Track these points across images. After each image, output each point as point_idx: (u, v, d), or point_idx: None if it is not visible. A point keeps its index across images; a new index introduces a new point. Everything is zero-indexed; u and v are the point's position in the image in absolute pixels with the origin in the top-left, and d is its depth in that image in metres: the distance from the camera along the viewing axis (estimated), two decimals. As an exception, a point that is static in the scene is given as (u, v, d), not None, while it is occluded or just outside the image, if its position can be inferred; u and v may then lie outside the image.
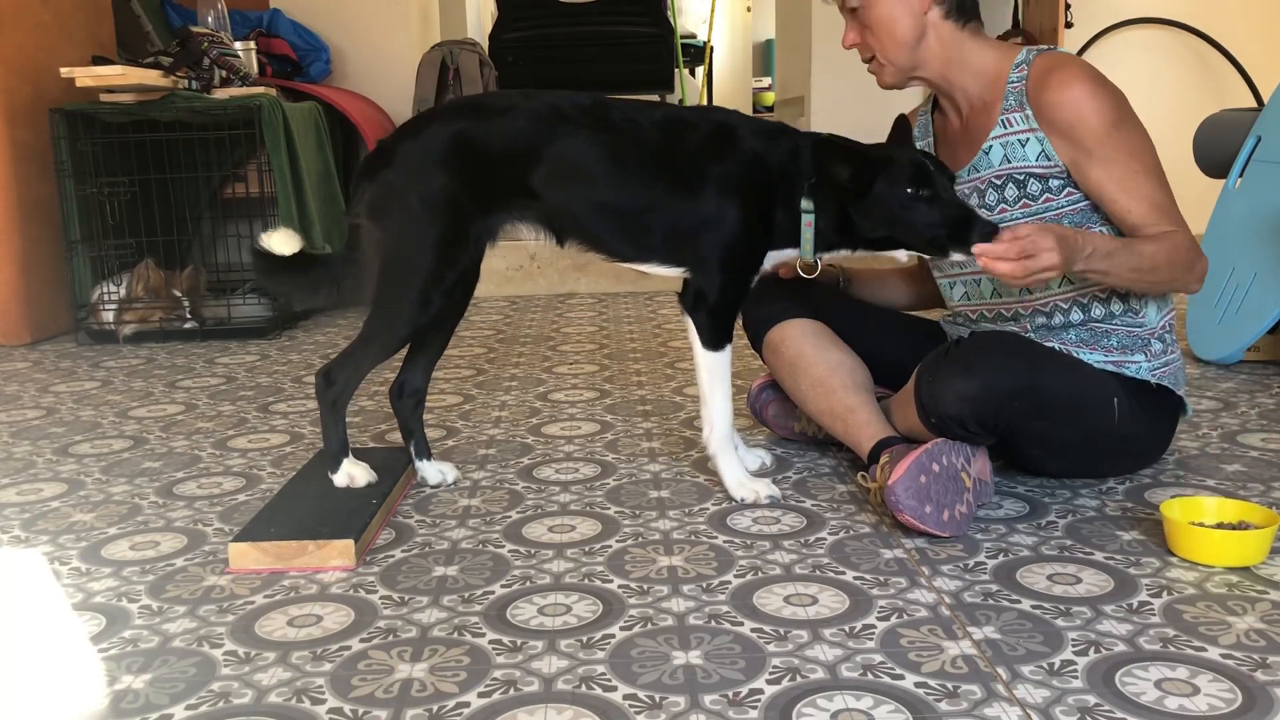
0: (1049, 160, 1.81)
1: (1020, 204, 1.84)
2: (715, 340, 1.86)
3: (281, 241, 1.85)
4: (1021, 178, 1.83)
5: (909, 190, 1.72)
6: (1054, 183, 1.82)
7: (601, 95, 1.86)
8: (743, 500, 1.87)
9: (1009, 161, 1.84)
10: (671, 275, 1.89)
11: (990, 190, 1.87)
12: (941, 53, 1.86)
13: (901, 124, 1.87)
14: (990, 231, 1.65)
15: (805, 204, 1.79)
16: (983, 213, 1.82)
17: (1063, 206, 1.83)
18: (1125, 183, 1.76)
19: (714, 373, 1.88)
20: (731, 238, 1.81)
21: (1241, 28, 4.54)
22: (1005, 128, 1.84)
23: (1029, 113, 1.81)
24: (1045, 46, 1.88)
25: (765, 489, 1.88)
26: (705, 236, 1.81)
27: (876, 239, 1.80)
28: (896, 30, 1.84)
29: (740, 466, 1.92)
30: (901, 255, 1.86)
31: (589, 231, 1.86)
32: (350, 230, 1.90)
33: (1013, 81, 1.84)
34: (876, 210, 1.75)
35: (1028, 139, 1.82)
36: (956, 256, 1.73)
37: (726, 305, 1.85)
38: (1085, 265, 1.68)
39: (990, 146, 1.85)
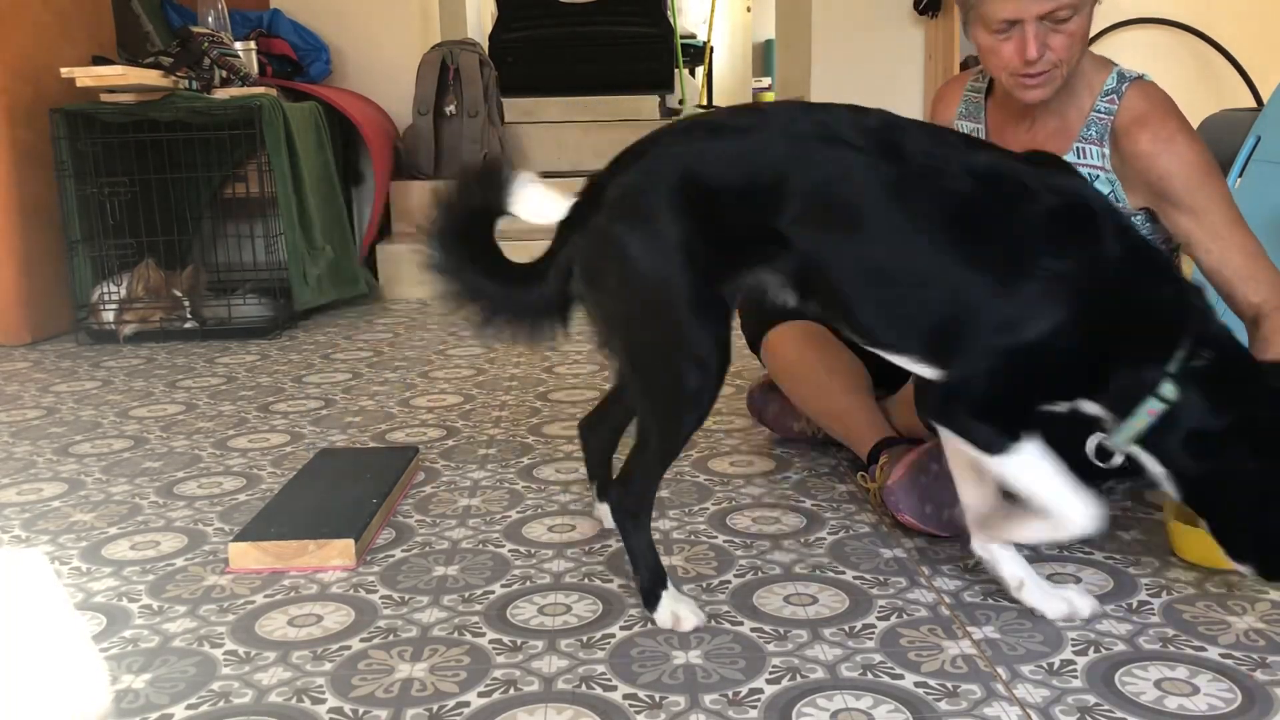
0: (1118, 203, 1.73)
1: None
2: (992, 441, 1.36)
3: (535, 201, 1.45)
4: None
5: None
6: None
7: (891, 115, 1.41)
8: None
9: None
10: (926, 374, 1.43)
11: None
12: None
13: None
14: None
15: (1169, 389, 1.30)
16: None
17: None
18: (1218, 232, 1.68)
19: (1020, 475, 1.37)
20: (1037, 343, 1.31)
21: (1241, 28, 4.54)
22: (1079, 157, 1.75)
23: (1107, 151, 1.72)
24: (1136, 73, 1.75)
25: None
26: (994, 338, 1.33)
27: (1200, 497, 1.36)
28: (1082, 36, 1.65)
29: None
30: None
31: (841, 297, 1.41)
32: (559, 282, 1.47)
33: (1099, 111, 1.74)
34: (1236, 478, 1.31)
35: (1098, 175, 1.73)
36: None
37: (991, 404, 1.35)
38: None
39: None
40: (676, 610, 1.43)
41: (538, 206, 1.44)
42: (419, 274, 1.55)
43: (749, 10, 9.38)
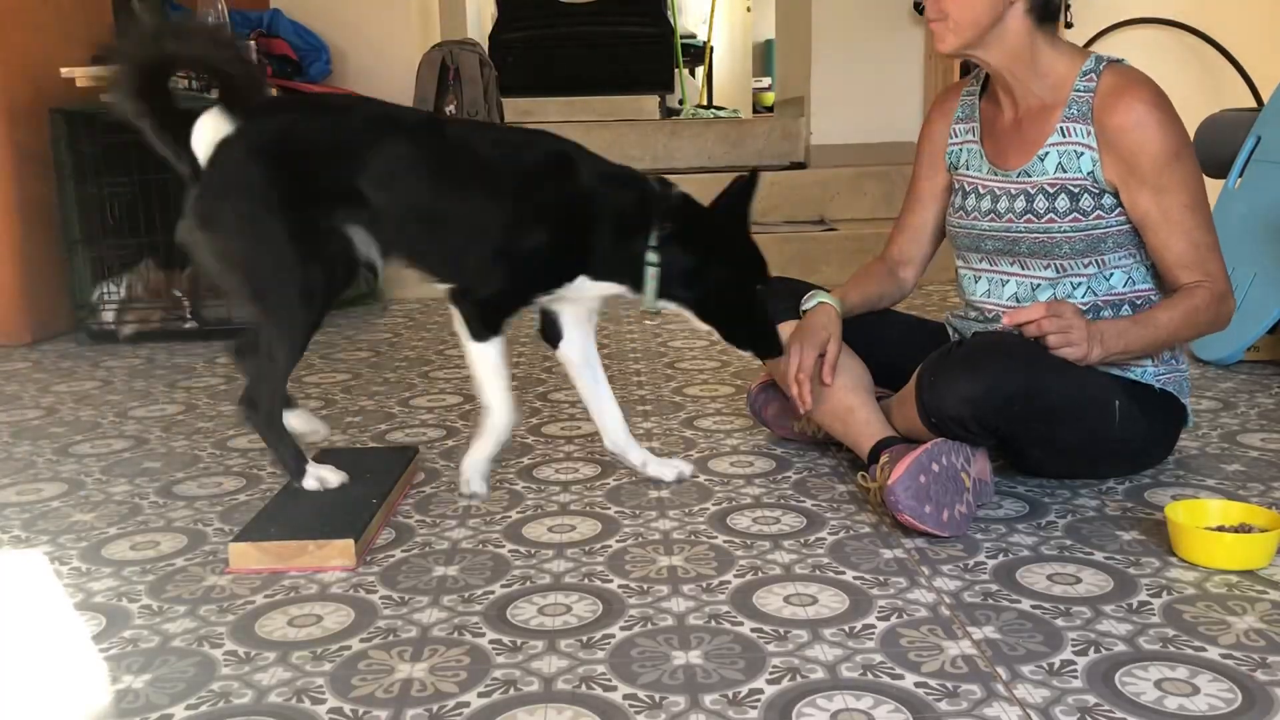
0: (1095, 181, 1.80)
1: (1070, 217, 1.82)
2: (479, 332, 1.83)
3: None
4: (1076, 190, 1.81)
5: (746, 289, 1.83)
6: (1107, 200, 1.81)
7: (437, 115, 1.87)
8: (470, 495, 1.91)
9: (1064, 171, 1.82)
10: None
11: (1041, 197, 1.83)
12: (1012, 44, 1.81)
13: (744, 188, 1.83)
14: (775, 353, 1.89)
15: (651, 256, 1.79)
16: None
17: (1110, 226, 1.82)
18: (1171, 214, 1.76)
19: (480, 365, 1.85)
20: (516, 251, 1.79)
21: (1241, 28, 4.54)
22: (1064, 136, 1.82)
23: (1091, 128, 1.79)
24: (1115, 57, 1.85)
25: (481, 488, 1.92)
26: (491, 245, 1.80)
27: (702, 307, 1.84)
28: (975, 5, 1.77)
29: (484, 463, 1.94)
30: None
31: (407, 242, 1.85)
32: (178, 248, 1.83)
33: (1078, 90, 1.81)
34: (712, 287, 1.82)
35: (1083, 153, 1.80)
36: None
37: (494, 301, 1.83)
38: (1104, 352, 1.73)
39: (1046, 153, 1.83)
40: (319, 474, 1.84)
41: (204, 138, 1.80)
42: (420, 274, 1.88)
43: (749, 10, 9.38)
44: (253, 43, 3.91)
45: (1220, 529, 1.62)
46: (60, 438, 2.39)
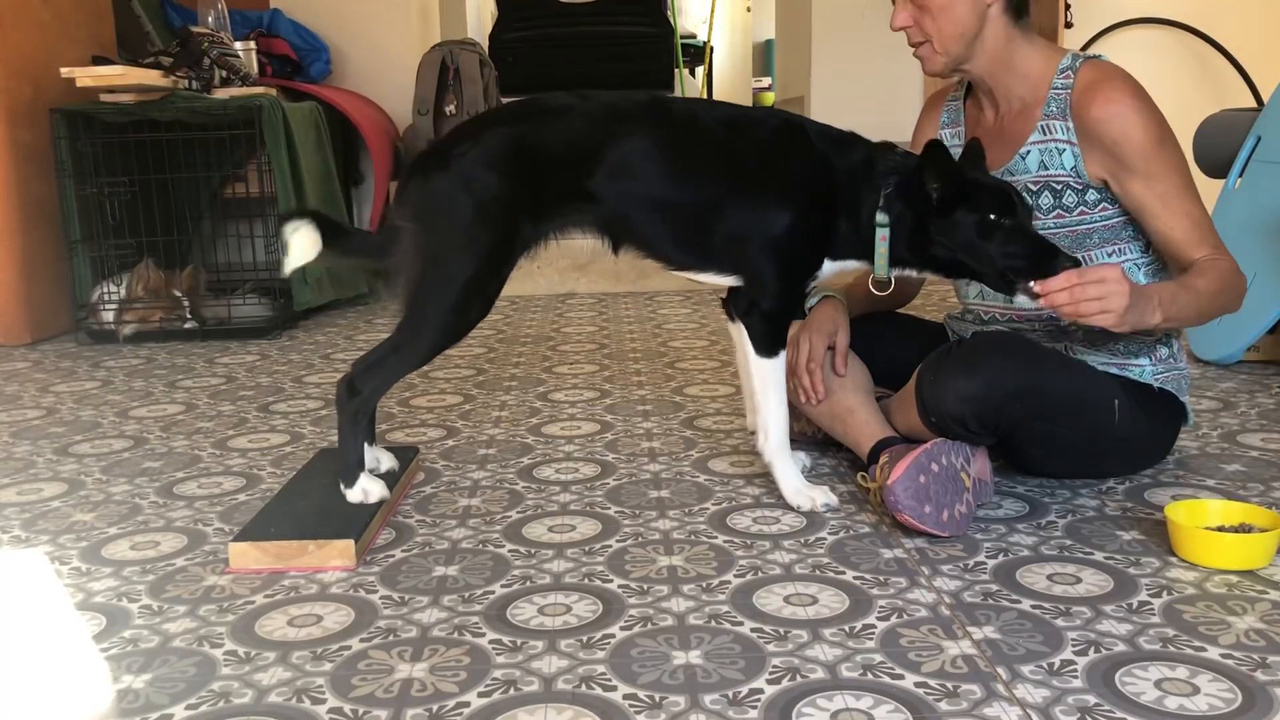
0: (1078, 177, 1.80)
1: (1054, 214, 1.83)
2: (770, 346, 1.81)
3: (303, 248, 1.73)
4: (1059, 187, 1.81)
5: (991, 216, 1.67)
6: (1090, 195, 1.81)
7: (659, 94, 1.79)
8: (799, 508, 1.82)
9: (1045, 169, 1.82)
10: (724, 283, 1.84)
11: (1025, 195, 1.83)
12: (993, 48, 1.81)
13: (975, 148, 1.79)
14: (1071, 266, 1.64)
15: (880, 217, 1.73)
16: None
17: (1095, 221, 1.82)
18: (1168, 199, 1.76)
19: (768, 379, 1.82)
20: (786, 243, 1.75)
21: (1241, 28, 4.54)
22: (1044, 134, 1.82)
23: (1070, 124, 1.79)
24: (1091, 54, 1.85)
25: (822, 497, 1.83)
26: (759, 241, 1.76)
27: (949, 262, 1.75)
28: (958, 19, 1.78)
29: (798, 473, 1.87)
30: (972, 288, 1.89)
31: (645, 235, 1.80)
32: (389, 230, 1.79)
33: (1056, 88, 1.81)
34: (956, 233, 1.70)
35: (1064, 149, 1.80)
36: (1022, 299, 1.69)
37: (781, 311, 1.81)
38: (1158, 320, 1.65)
39: (1028, 151, 1.83)
40: (368, 487, 1.78)
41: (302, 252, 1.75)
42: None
43: (749, 10, 9.38)
44: (253, 43, 3.92)
45: (1220, 529, 1.62)
46: (60, 438, 2.39)
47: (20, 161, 3.36)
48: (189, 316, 3.45)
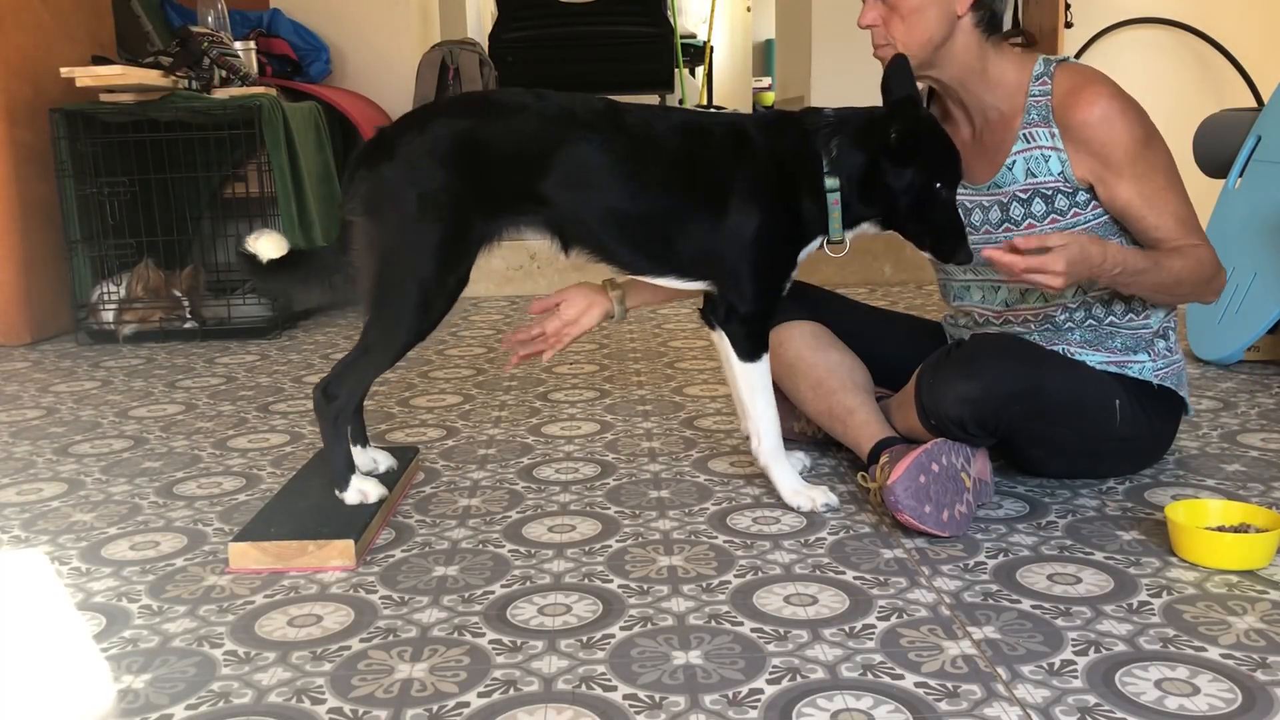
0: (1067, 181, 1.80)
1: (1049, 219, 1.82)
2: (752, 351, 1.81)
3: (268, 246, 1.78)
4: (1049, 193, 1.81)
5: (938, 186, 1.72)
6: (1081, 197, 1.80)
7: (613, 100, 1.79)
8: (799, 509, 1.82)
9: (1033, 176, 1.81)
10: (685, 288, 1.84)
11: (1015, 204, 1.84)
12: (963, 59, 1.80)
13: (899, 70, 1.75)
14: (965, 260, 1.76)
15: (830, 182, 1.74)
16: (999, 229, 1.86)
17: (1089, 221, 1.82)
18: (1154, 199, 1.76)
19: (755, 384, 1.82)
20: (761, 244, 1.75)
21: (1241, 28, 4.54)
22: (1027, 142, 1.81)
23: (1054, 130, 1.79)
24: (1060, 57, 1.84)
25: (822, 497, 1.82)
26: (732, 247, 1.75)
27: (897, 212, 1.76)
28: (926, 24, 1.76)
29: (796, 474, 1.87)
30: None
31: (598, 241, 1.79)
32: (342, 226, 1.80)
33: (1034, 95, 1.80)
34: (904, 187, 1.72)
35: (1050, 155, 1.80)
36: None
37: (761, 314, 1.81)
38: (1110, 281, 1.70)
39: (1013, 161, 1.82)
40: (363, 488, 1.78)
41: (269, 249, 1.81)
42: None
43: (749, 10, 9.38)
44: (253, 43, 3.92)
45: (1220, 529, 1.62)
46: (60, 438, 2.39)
47: (20, 161, 3.36)
48: (189, 316, 3.45)
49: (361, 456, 1.91)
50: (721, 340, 1.83)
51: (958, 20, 1.78)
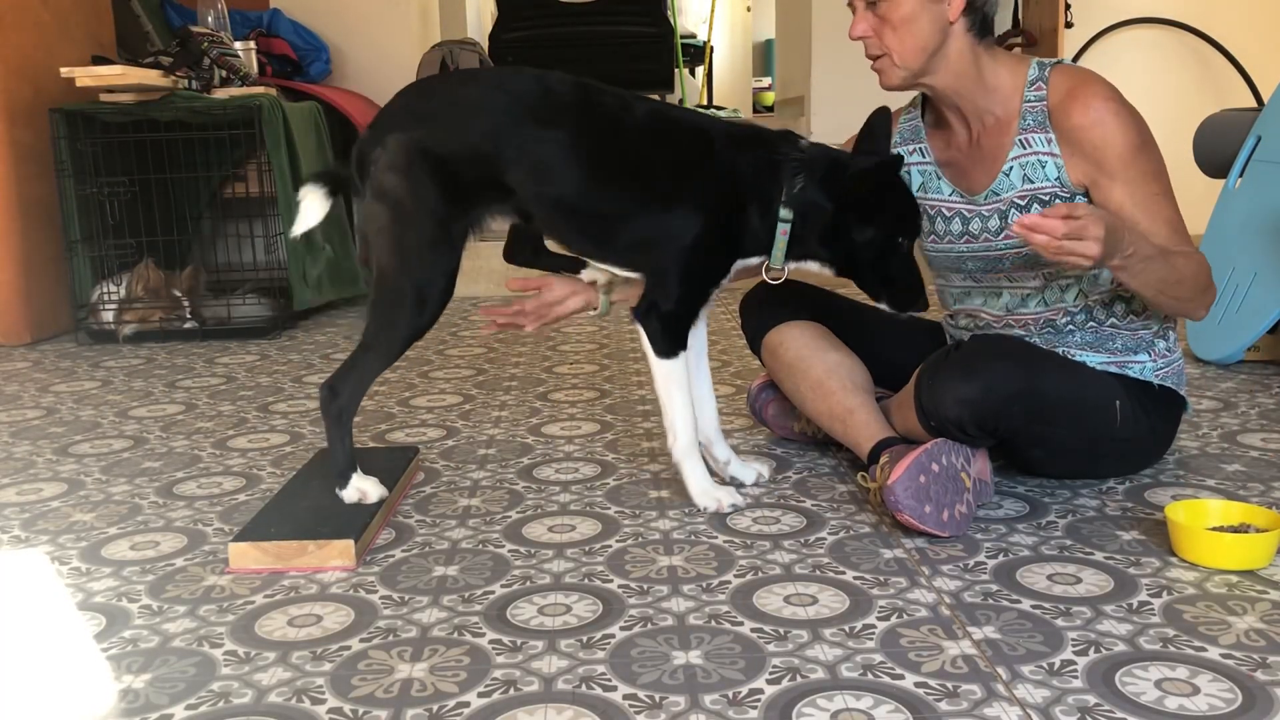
0: (1062, 186, 1.79)
1: None
2: (668, 348, 1.81)
3: (310, 210, 1.81)
4: (1046, 198, 1.80)
5: (900, 241, 1.75)
6: (1080, 201, 1.79)
7: (584, 83, 1.79)
8: (704, 509, 1.83)
9: (1030, 182, 1.81)
10: (623, 275, 1.88)
11: (1013, 212, 1.82)
12: (958, 66, 1.80)
13: (882, 122, 1.79)
14: (923, 309, 1.80)
15: (785, 212, 1.75)
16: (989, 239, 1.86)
17: None
18: (1148, 205, 1.75)
19: (668, 381, 1.83)
20: (695, 250, 1.77)
21: (1241, 28, 4.54)
22: (1024, 148, 1.81)
23: (1051, 135, 1.78)
24: (1054, 60, 1.84)
25: (728, 498, 1.84)
26: (668, 246, 1.77)
27: (847, 260, 1.78)
28: (918, 33, 1.76)
29: (705, 474, 1.87)
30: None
31: (554, 224, 1.83)
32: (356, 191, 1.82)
33: (1029, 100, 1.80)
34: (862, 244, 1.75)
35: (1046, 161, 1.79)
36: (883, 306, 1.80)
37: (680, 314, 1.81)
38: (1122, 263, 1.65)
39: (1010, 168, 1.82)
40: (363, 487, 1.80)
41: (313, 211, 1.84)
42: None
43: (749, 10, 9.39)
44: (253, 43, 3.92)
45: (1220, 529, 1.62)
46: (60, 438, 2.39)
47: (20, 161, 3.37)
48: (189, 316, 3.45)
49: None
50: (640, 335, 1.84)
51: (950, 26, 1.77)
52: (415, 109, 1.81)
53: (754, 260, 1.82)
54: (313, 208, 1.81)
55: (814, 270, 1.82)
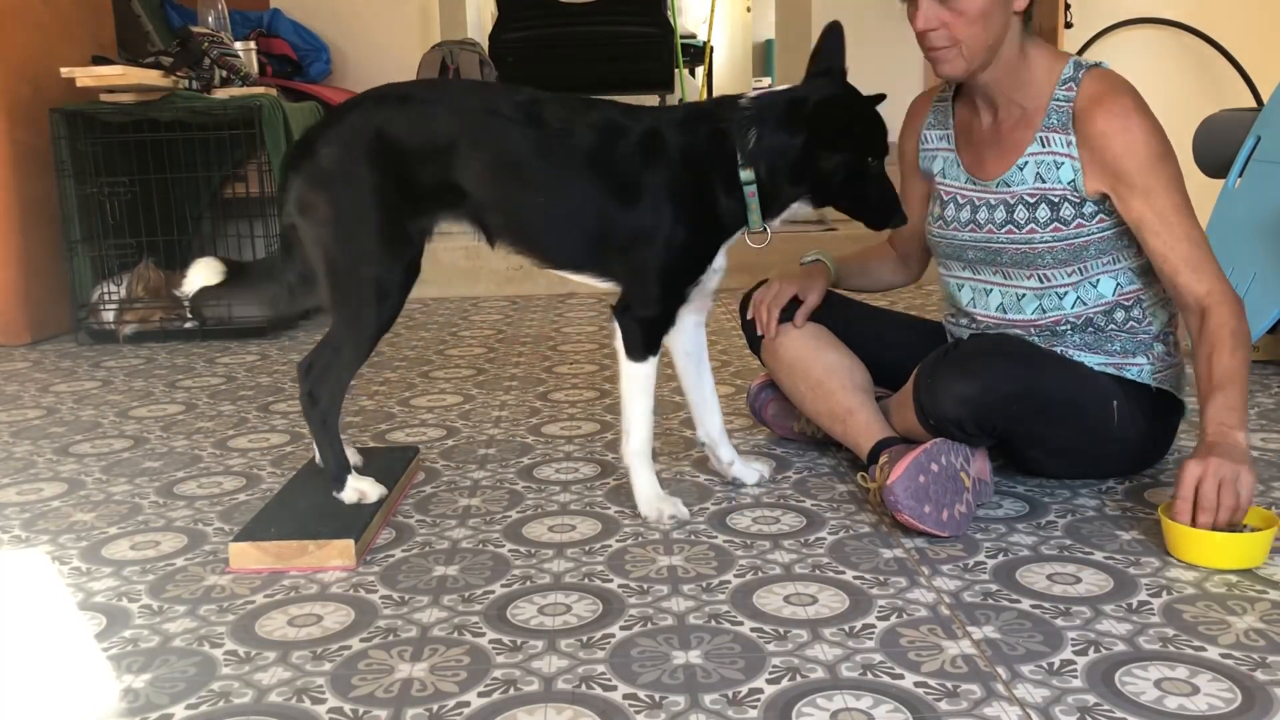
0: (1075, 191, 1.79)
1: (1051, 226, 1.81)
2: (641, 351, 1.80)
3: (203, 273, 1.80)
4: (1056, 200, 1.80)
5: (870, 160, 1.75)
6: (1088, 208, 1.79)
7: (538, 93, 1.79)
8: (645, 518, 1.80)
9: (1042, 181, 1.80)
10: (600, 286, 1.87)
11: (1021, 207, 1.82)
12: (1008, 57, 1.78)
13: (833, 39, 1.80)
14: (901, 223, 1.81)
15: (745, 175, 1.73)
16: (987, 229, 1.87)
17: (1092, 234, 1.81)
18: (1167, 217, 1.73)
19: (636, 384, 1.81)
20: (666, 251, 1.75)
21: (1241, 28, 4.54)
22: (1043, 146, 1.80)
23: (1072, 137, 1.77)
24: (1092, 62, 1.81)
25: (671, 509, 1.80)
26: (637, 251, 1.76)
27: (818, 195, 1.78)
28: (991, 26, 1.73)
29: (654, 482, 1.84)
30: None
31: (516, 235, 1.81)
32: (282, 231, 1.84)
33: (1058, 99, 1.79)
34: (831, 170, 1.73)
35: (1063, 162, 1.78)
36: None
37: (658, 318, 1.80)
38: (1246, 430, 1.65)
39: (1025, 163, 1.82)
40: (360, 487, 1.79)
41: (204, 275, 1.82)
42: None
43: (749, 10, 9.38)
44: (253, 43, 3.92)
45: (1213, 527, 1.61)
46: (60, 438, 2.39)
47: (20, 161, 3.37)
48: (189, 316, 3.45)
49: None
50: (614, 335, 1.83)
51: (1013, 15, 1.77)
52: (377, 99, 1.79)
53: (735, 237, 1.81)
54: (203, 271, 1.81)
55: (798, 212, 1.81)
